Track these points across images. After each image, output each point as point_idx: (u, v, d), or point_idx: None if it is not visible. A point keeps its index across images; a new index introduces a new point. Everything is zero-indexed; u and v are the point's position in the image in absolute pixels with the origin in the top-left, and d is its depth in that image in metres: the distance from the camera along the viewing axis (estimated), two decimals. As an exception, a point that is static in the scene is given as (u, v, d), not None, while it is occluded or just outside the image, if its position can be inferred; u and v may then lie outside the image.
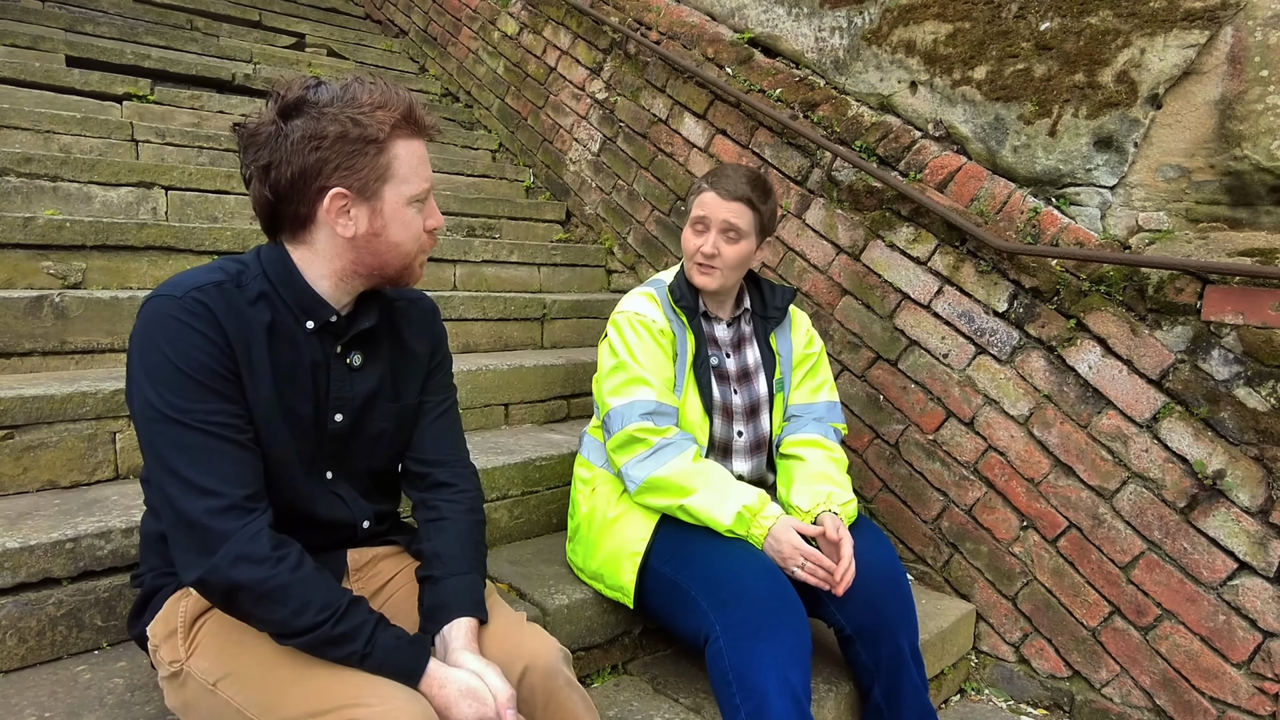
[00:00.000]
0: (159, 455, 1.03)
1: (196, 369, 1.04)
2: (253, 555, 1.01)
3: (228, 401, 1.07)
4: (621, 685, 1.78)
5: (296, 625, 1.02)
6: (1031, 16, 2.23)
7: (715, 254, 1.77)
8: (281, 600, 1.02)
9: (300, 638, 1.03)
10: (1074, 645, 2.12)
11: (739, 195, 1.76)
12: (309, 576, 1.05)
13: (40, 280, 2.05)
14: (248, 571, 1.01)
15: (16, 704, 1.26)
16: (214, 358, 1.06)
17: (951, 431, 2.34)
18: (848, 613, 1.69)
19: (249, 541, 1.02)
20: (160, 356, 1.04)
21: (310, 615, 1.02)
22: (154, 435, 1.04)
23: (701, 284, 1.81)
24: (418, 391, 1.33)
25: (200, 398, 1.04)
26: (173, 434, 1.03)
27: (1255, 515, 1.85)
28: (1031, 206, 2.22)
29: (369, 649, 1.04)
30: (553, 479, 2.16)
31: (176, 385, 1.03)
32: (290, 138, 1.08)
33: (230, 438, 1.06)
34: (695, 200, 1.82)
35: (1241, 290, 1.86)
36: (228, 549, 1.01)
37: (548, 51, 3.81)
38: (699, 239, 1.80)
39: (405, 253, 1.17)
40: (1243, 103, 1.91)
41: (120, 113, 3.08)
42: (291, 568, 1.03)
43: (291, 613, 1.02)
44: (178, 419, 1.03)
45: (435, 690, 1.05)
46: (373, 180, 1.11)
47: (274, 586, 1.02)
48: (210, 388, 1.05)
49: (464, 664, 1.09)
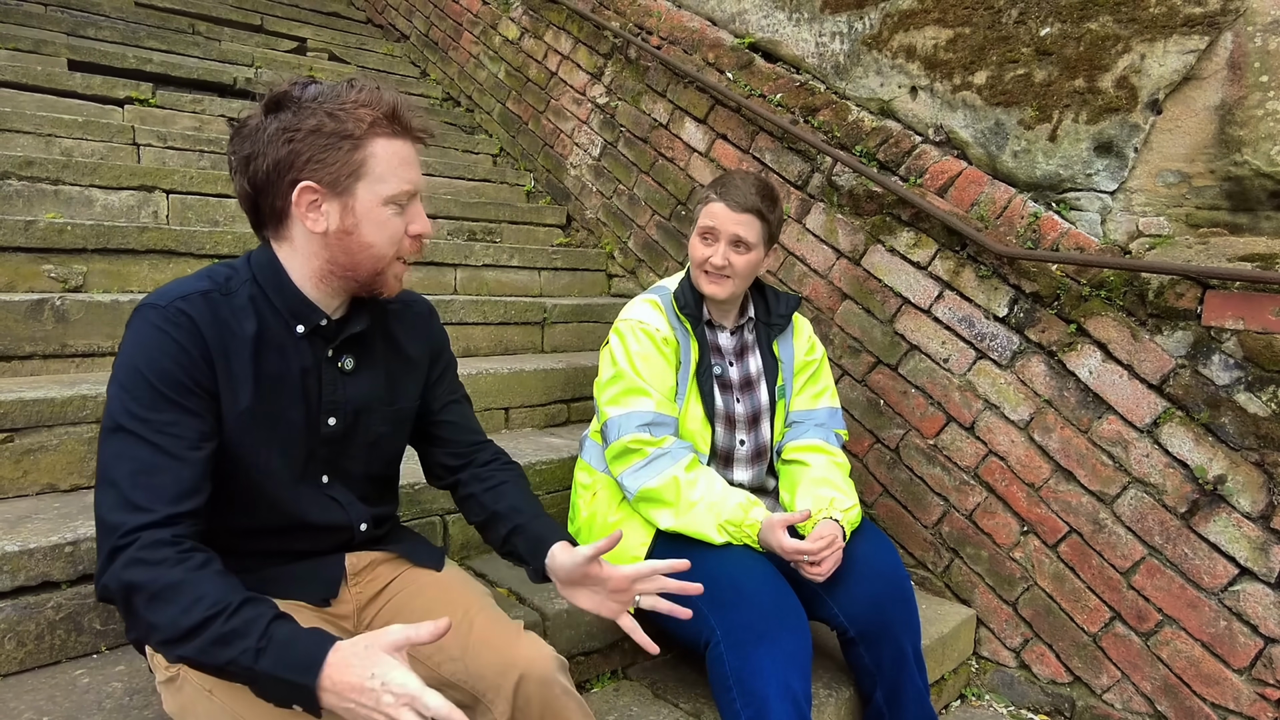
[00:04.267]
0: (103, 465, 1.01)
1: (161, 378, 1.03)
2: (149, 558, 0.96)
3: (187, 414, 1.05)
4: (621, 690, 1.78)
5: (185, 624, 0.92)
6: (1032, 22, 2.24)
7: (725, 265, 1.76)
8: (171, 598, 0.93)
9: (191, 640, 0.93)
10: (1075, 651, 2.12)
11: (749, 207, 1.75)
12: (208, 576, 0.97)
13: (41, 283, 2.05)
14: (139, 572, 0.95)
15: (15, 708, 1.26)
16: (184, 368, 1.04)
17: (952, 436, 2.33)
18: (851, 614, 1.69)
19: (149, 547, 0.96)
20: (132, 364, 1.03)
21: (200, 611, 0.92)
22: (105, 442, 1.03)
23: (711, 293, 1.81)
24: (415, 396, 1.33)
25: (158, 407, 1.03)
26: (121, 444, 1.01)
27: (1256, 521, 1.85)
28: (1032, 211, 2.22)
29: (264, 644, 0.92)
30: (553, 483, 2.15)
31: (140, 394, 1.02)
32: (267, 130, 1.08)
33: (177, 452, 1.02)
34: (703, 209, 1.80)
35: (1242, 295, 1.86)
36: (126, 554, 0.96)
37: (549, 56, 3.82)
38: (707, 249, 1.78)
39: (378, 255, 1.15)
40: (1243, 108, 1.91)
41: (122, 116, 3.08)
42: (190, 567, 0.96)
43: (181, 610, 0.93)
44: (129, 427, 1.01)
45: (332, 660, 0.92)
46: (344, 176, 1.09)
47: (165, 584, 0.94)
48: (170, 399, 1.03)
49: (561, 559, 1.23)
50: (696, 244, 1.81)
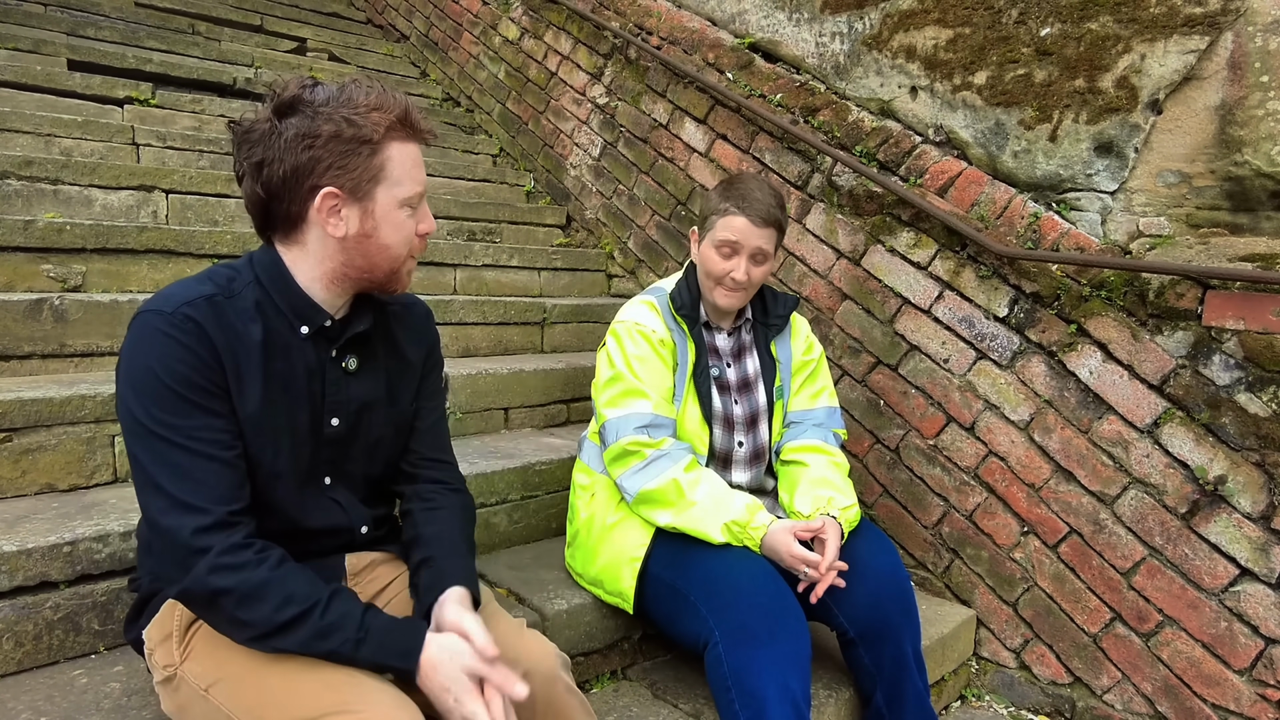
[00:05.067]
0: (144, 469, 1.03)
1: (182, 384, 1.04)
2: (231, 563, 1.01)
3: (213, 416, 1.06)
4: (621, 691, 1.78)
5: (280, 619, 1.01)
6: (1032, 22, 2.24)
7: (746, 279, 1.76)
8: (263, 597, 1.01)
9: (288, 634, 1.01)
10: (1075, 651, 2.12)
11: (770, 220, 1.74)
12: (290, 573, 1.04)
13: (40, 283, 2.04)
14: (226, 577, 1.00)
15: (13, 708, 1.26)
16: (200, 373, 1.05)
17: (952, 437, 2.33)
18: (851, 615, 1.68)
19: (228, 553, 1.01)
20: (147, 372, 1.03)
21: (294, 607, 1.01)
22: (138, 450, 1.04)
23: (727, 305, 1.80)
24: (413, 397, 1.33)
25: (185, 413, 1.04)
26: (157, 449, 1.03)
27: (1257, 521, 1.84)
28: (1032, 212, 2.22)
29: (362, 634, 1.03)
30: (552, 484, 2.15)
31: (162, 400, 1.03)
32: (284, 135, 1.08)
33: (214, 454, 1.05)
34: (721, 222, 1.76)
35: (1242, 296, 1.85)
36: (207, 561, 1.00)
37: (549, 56, 3.82)
38: (728, 263, 1.76)
39: (395, 256, 1.17)
40: (1243, 108, 1.91)
41: (121, 116, 3.08)
42: (271, 565, 1.03)
43: (274, 608, 1.01)
44: (161, 434, 1.02)
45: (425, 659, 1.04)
46: (365, 181, 1.10)
47: (254, 585, 1.01)
48: (195, 403, 1.05)
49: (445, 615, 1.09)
50: (714, 257, 1.77)
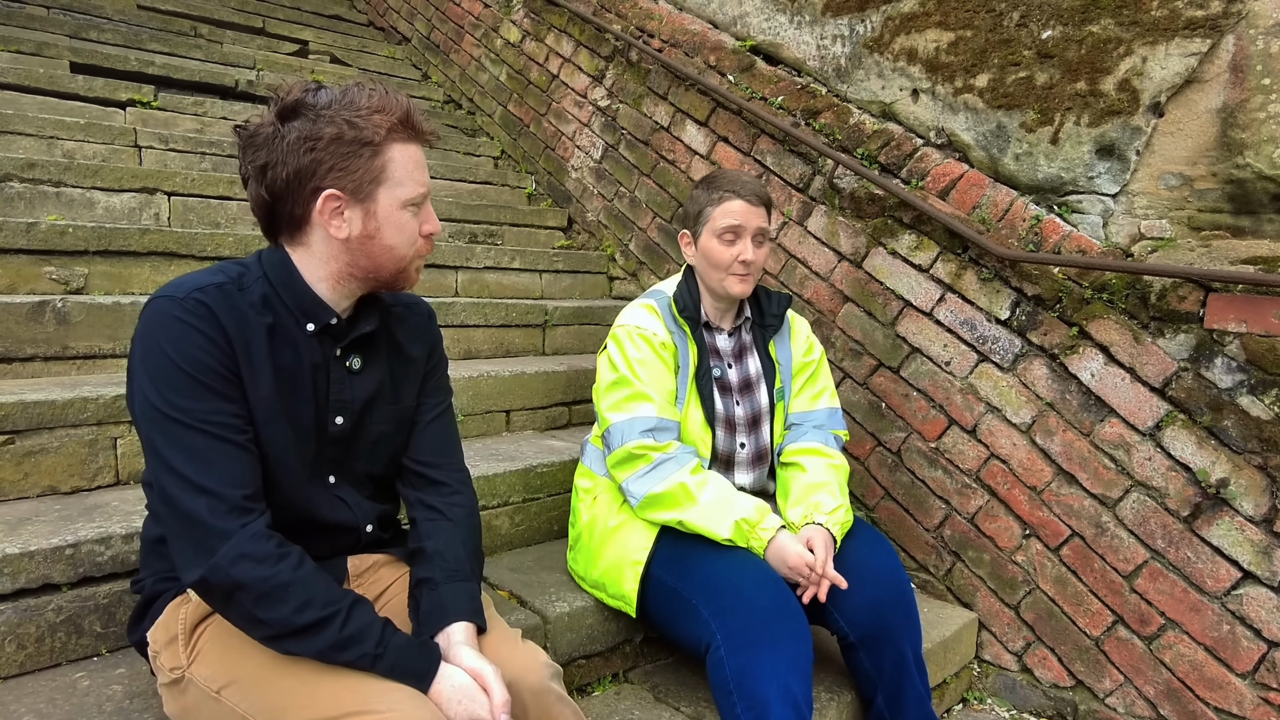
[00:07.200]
0: (159, 454, 1.04)
1: (197, 368, 1.05)
2: (254, 554, 1.01)
3: (228, 401, 1.07)
4: (622, 693, 1.78)
5: (298, 622, 1.02)
6: (1033, 25, 2.24)
7: (753, 260, 1.77)
8: (283, 598, 1.02)
9: (304, 639, 1.02)
10: (1077, 654, 2.11)
11: (763, 198, 1.80)
12: (311, 575, 1.05)
13: (43, 285, 2.05)
14: (249, 570, 1.01)
15: (15, 711, 1.26)
16: (215, 357, 1.06)
17: (953, 439, 2.33)
18: (851, 619, 1.68)
19: (250, 540, 1.02)
20: (161, 356, 1.04)
21: (313, 612, 1.02)
22: (154, 434, 1.04)
23: (740, 292, 1.80)
24: (415, 395, 1.34)
25: (200, 397, 1.05)
26: (173, 433, 1.03)
27: (1259, 524, 1.84)
28: (1033, 214, 2.22)
29: (381, 650, 1.04)
30: (554, 486, 2.15)
31: (177, 384, 1.04)
32: (286, 139, 1.09)
33: (229, 438, 1.06)
34: (717, 210, 1.78)
35: (1244, 298, 1.85)
36: (229, 548, 1.01)
37: (550, 59, 3.82)
38: (733, 248, 1.77)
39: (399, 256, 1.18)
40: (1244, 111, 1.91)
41: (124, 119, 3.09)
42: (293, 566, 1.04)
43: (293, 610, 1.02)
44: (177, 418, 1.03)
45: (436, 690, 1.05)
46: (367, 182, 1.11)
47: (276, 584, 1.01)
48: (210, 387, 1.05)
49: (462, 660, 1.09)
50: (717, 247, 1.78)
